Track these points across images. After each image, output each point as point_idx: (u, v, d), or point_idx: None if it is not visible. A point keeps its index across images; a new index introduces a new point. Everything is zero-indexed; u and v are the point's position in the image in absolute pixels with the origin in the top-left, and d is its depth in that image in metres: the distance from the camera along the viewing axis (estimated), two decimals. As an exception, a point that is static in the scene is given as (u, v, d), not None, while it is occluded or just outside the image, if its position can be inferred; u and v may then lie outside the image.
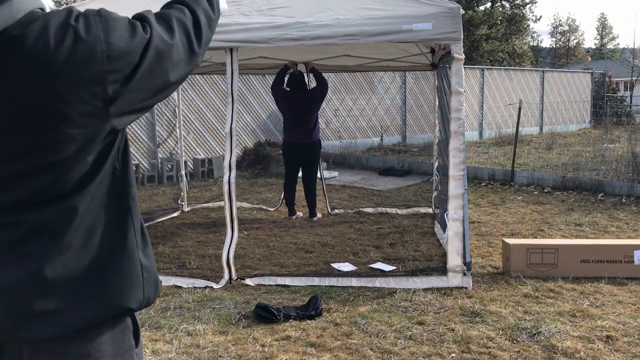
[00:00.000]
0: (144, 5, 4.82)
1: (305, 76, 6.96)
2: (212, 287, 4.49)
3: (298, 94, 6.65)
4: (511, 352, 3.36)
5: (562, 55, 60.09)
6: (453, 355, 3.34)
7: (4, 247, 1.17)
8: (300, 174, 6.95)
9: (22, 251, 1.17)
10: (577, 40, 64.69)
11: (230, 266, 4.58)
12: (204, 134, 11.54)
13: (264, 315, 3.82)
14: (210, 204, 7.86)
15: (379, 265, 4.97)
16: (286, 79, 6.72)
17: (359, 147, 13.76)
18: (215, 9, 1.42)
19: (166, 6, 1.36)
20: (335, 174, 10.49)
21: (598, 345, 3.43)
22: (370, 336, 3.59)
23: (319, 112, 7.00)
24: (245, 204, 7.76)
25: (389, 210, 7.38)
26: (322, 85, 6.67)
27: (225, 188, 4.59)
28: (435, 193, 6.78)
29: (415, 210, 7.33)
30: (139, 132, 10.64)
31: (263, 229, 6.49)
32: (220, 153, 11.22)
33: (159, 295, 1.19)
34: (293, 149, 6.80)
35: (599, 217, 6.82)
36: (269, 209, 7.50)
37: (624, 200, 7.67)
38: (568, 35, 64.03)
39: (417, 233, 6.15)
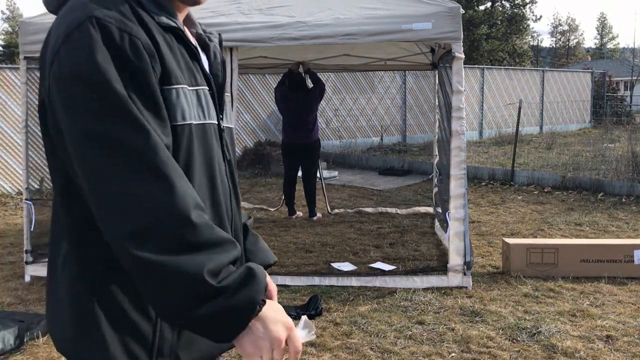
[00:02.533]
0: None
1: (305, 76, 6.96)
2: (212, 286, 4.49)
3: (297, 93, 6.65)
4: (511, 352, 3.35)
5: (562, 55, 60.08)
6: (453, 354, 3.33)
7: None
8: (299, 173, 6.95)
9: None
10: (577, 40, 64.72)
11: (230, 266, 4.57)
12: (204, 133, 11.52)
13: (264, 314, 3.81)
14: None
15: (379, 265, 4.96)
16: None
17: (359, 147, 13.75)
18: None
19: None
20: (335, 173, 10.49)
21: (598, 345, 3.43)
22: (370, 336, 3.59)
23: (319, 111, 7.01)
24: (246, 204, 7.75)
25: (389, 209, 7.37)
26: (320, 87, 6.71)
27: (225, 187, 4.58)
28: (435, 189, 6.78)
29: (415, 210, 7.33)
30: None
31: (263, 228, 6.49)
32: (220, 153, 11.19)
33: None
34: (292, 149, 6.80)
35: (599, 217, 6.82)
36: (270, 209, 7.50)
37: (624, 200, 7.66)
38: (568, 34, 64.03)
39: (417, 233, 6.14)
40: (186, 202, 1.02)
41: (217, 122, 1.24)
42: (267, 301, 1.07)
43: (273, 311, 1.07)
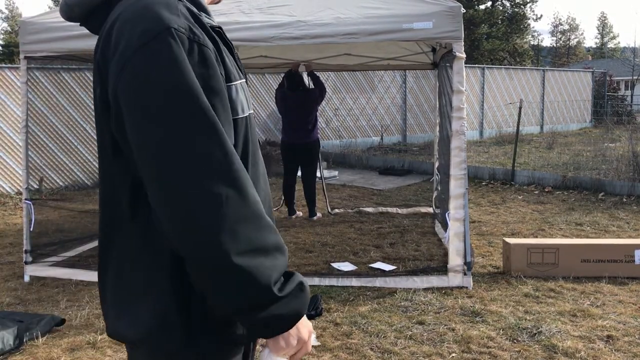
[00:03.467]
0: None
1: (305, 77, 6.95)
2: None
3: (296, 93, 6.65)
4: (512, 352, 3.34)
5: (563, 54, 60.04)
6: (453, 355, 3.33)
7: None
8: (299, 173, 6.95)
9: None
10: (577, 39, 64.67)
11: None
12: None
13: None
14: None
15: (379, 265, 4.96)
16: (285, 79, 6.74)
17: (359, 147, 13.74)
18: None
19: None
20: (335, 173, 10.48)
21: (599, 345, 3.42)
22: (371, 336, 3.58)
23: (319, 111, 7.00)
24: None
25: (389, 209, 7.37)
26: (320, 88, 6.71)
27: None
28: (435, 193, 6.77)
29: (416, 209, 7.32)
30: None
31: (263, 228, 6.47)
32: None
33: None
34: (291, 149, 6.79)
35: (599, 217, 6.81)
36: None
37: (624, 200, 7.65)
38: (568, 34, 63.99)
39: (418, 232, 6.13)
40: (258, 208, 1.11)
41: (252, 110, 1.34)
42: None
43: (304, 317, 1.20)
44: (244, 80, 1.30)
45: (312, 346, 1.36)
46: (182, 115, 1.05)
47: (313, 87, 6.81)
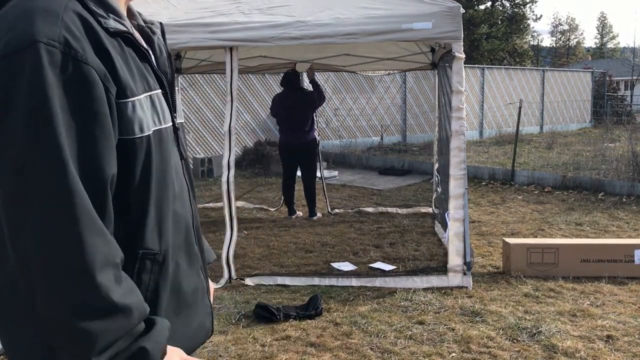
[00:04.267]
0: (144, 5, 4.81)
1: (304, 76, 6.96)
2: (212, 286, 4.48)
3: (294, 93, 6.66)
4: (511, 352, 3.35)
5: (563, 55, 60.07)
6: (453, 354, 3.33)
7: None
8: (299, 173, 6.95)
9: None
10: (577, 40, 64.71)
11: (230, 266, 4.58)
12: (204, 133, 11.53)
13: (264, 314, 3.82)
14: (211, 204, 7.84)
15: (379, 265, 4.96)
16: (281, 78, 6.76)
17: (359, 147, 13.75)
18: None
19: None
20: (335, 173, 10.48)
21: (598, 345, 3.43)
22: (370, 336, 3.58)
23: (319, 111, 7.01)
24: (246, 204, 7.75)
25: (389, 209, 7.37)
26: (319, 93, 6.72)
27: (224, 187, 4.58)
28: (435, 194, 6.77)
29: (416, 209, 7.32)
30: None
31: (263, 228, 6.48)
32: (220, 152, 11.21)
33: None
34: (289, 149, 6.79)
35: (599, 217, 6.81)
36: (270, 209, 7.49)
37: (624, 200, 7.66)
38: (568, 34, 64.02)
39: (417, 232, 6.14)
40: (93, 261, 0.96)
41: (172, 124, 1.21)
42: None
43: (172, 351, 1.08)
44: (159, 90, 1.18)
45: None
46: (27, 139, 0.94)
47: (311, 90, 6.82)
